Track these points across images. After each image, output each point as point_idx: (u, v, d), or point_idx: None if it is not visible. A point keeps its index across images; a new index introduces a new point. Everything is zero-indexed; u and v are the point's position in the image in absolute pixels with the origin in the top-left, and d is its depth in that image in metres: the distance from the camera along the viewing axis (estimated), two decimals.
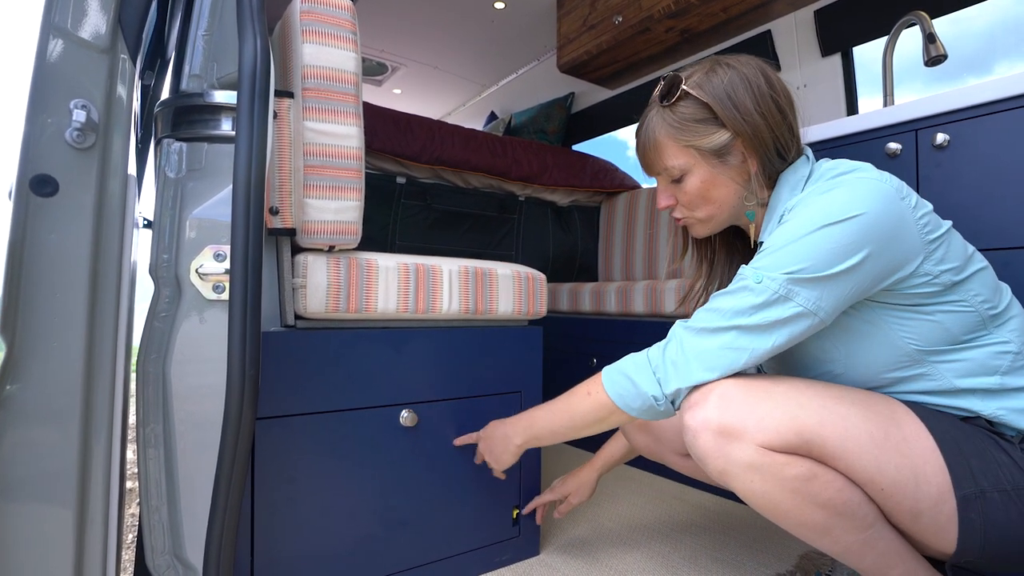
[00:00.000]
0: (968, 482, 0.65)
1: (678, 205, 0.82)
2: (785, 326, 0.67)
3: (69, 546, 0.61)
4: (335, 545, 0.94)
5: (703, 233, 0.84)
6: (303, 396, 0.91)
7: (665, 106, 0.77)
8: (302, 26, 0.89)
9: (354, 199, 0.94)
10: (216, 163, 0.79)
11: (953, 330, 0.70)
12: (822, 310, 0.67)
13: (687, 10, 1.84)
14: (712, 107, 0.74)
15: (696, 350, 0.70)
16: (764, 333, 0.67)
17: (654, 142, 0.79)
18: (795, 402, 0.67)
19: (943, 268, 0.69)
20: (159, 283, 0.77)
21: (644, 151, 0.81)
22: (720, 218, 0.81)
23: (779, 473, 0.66)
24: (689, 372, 0.70)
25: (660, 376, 0.72)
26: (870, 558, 0.70)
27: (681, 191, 0.80)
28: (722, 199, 0.79)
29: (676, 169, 0.78)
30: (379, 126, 1.88)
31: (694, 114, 0.75)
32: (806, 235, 0.67)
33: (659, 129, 0.78)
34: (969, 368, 0.70)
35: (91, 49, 0.61)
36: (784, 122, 0.76)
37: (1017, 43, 3.42)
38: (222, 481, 0.67)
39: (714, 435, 0.67)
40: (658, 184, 0.84)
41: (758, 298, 0.67)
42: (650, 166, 0.81)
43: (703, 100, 0.74)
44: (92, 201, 0.62)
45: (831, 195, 0.68)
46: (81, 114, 0.58)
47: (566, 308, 2.11)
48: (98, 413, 0.64)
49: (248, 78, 0.68)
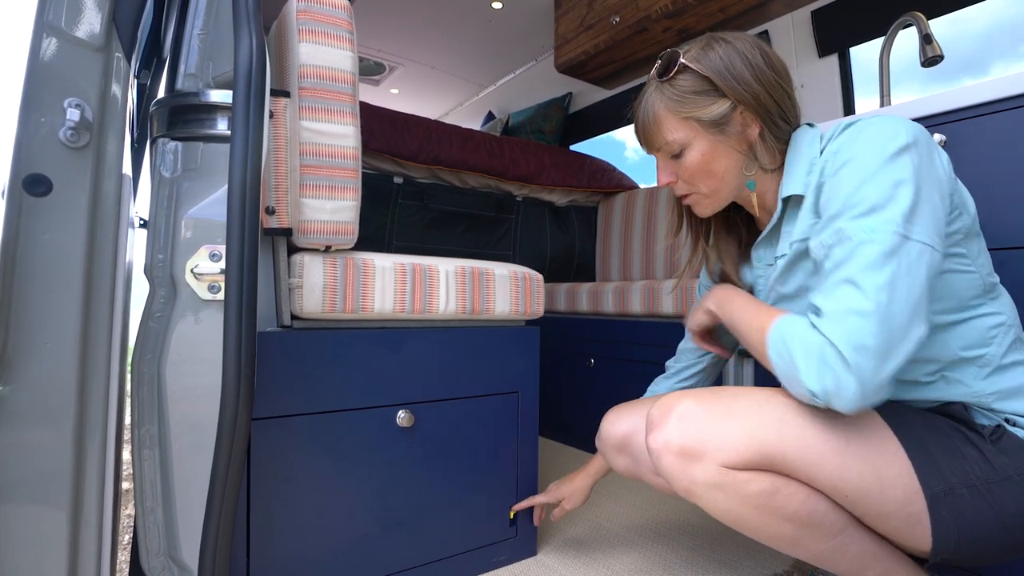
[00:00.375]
0: (936, 480, 0.65)
1: (680, 181, 0.81)
2: (919, 267, 0.61)
3: (63, 548, 0.61)
4: (332, 546, 0.94)
5: (708, 210, 0.83)
6: (299, 397, 0.91)
7: (664, 81, 0.77)
8: (298, 25, 0.89)
9: (350, 199, 0.94)
10: (212, 162, 0.79)
11: (961, 292, 0.69)
12: (937, 244, 0.62)
13: (684, 10, 1.84)
14: (711, 79, 0.74)
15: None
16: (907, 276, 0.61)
17: (653, 117, 0.78)
18: (755, 418, 0.67)
19: (962, 209, 0.69)
20: (154, 283, 0.77)
21: (643, 127, 0.80)
22: (724, 192, 0.80)
23: (742, 490, 0.66)
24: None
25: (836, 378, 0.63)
26: (844, 562, 0.70)
27: (682, 166, 0.79)
28: (724, 170, 0.78)
29: (676, 143, 0.77)
30: (376, 126, 1.87)
31: (693, 86, 0.75)
32: (877, 173, 0.63)
33: (658, 104, 0.77)
34: (969, 339, 0.70)
35: (85, 47, 0.60)
36: (781, 88, 0.76)
37: (1014, 44, 3.43)
38: (217, 482, 0.66)
39: (676, 456, 0.68)
40: (658, 161, 0.83)
41: (882, 246, 0.61)
42: (649, 142, 0.81)
43: (702, 73, 0.74)
44: (86, 201, 0.61)
45: (875, 130, 0.66)
46: (75, 113, 0.58)
47: (564, 308, 2.10)
48: (92, 414, 0.64)
49: (244, 77, 0.68)
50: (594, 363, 1.95)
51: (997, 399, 0.69)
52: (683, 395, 0.72)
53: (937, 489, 0.65)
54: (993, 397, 0.70)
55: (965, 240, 0.70)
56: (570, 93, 2.86)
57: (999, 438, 0.67)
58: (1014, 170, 0.92)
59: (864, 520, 0.69)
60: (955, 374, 0.71)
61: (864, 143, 0.66)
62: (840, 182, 0.67)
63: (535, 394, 1.18)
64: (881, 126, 0.66)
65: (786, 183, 0.76)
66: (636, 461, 0.96)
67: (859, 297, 0.60)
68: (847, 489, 0.66)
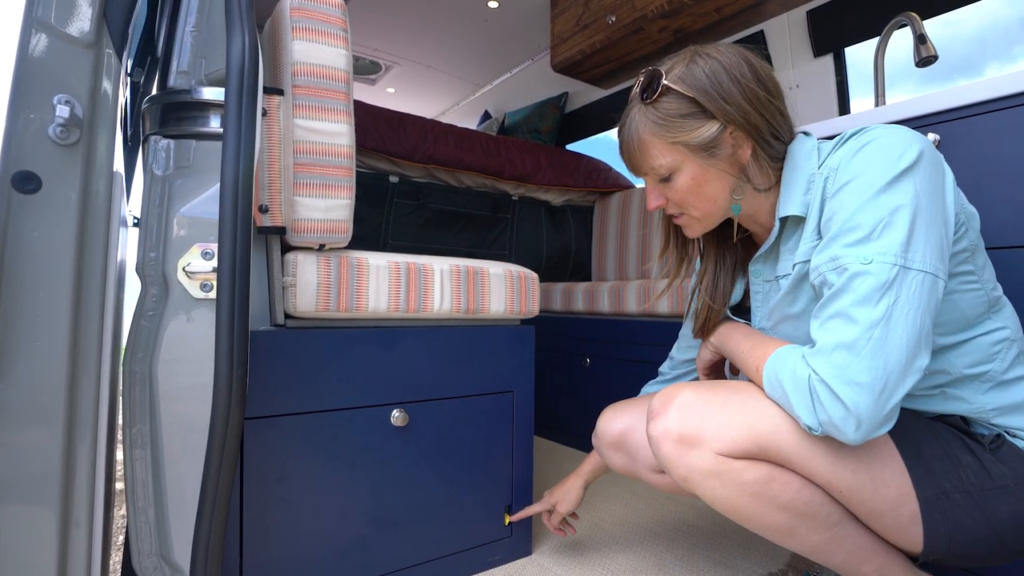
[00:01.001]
0: (930, 484, 0.66)
1: (670, 203, 0.79)
2: (920, 297, 0.60)
3: (52, 548, 0.60)
4: (325, 546, 0.93)
5: (698, 232, 0.80)
6: (293, 396, 0.90)
7: (647, 103, 0.72)
8: (292, 23, 0.88)
9: (345, 197, 0.94)
10: (204, 160, 0.78)
11: (966, 312, 0.69)
12: (940, 271, 0.61)
13: (680, 10, 1.84)
14: (697, 100, 0.70)
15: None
16: (908, 314, 0.59)
17: (639, 141, 0.74)
18: (752, 411, 0.68)
19: (968, 225, 0.68)
20: (146, 281, 0.76)
21: (629, 151, 0.76)
22: (716, 214, 0.77)
23: (738, 478, 0.67)
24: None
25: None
26: (840, 556, 0.70)
27: (672, 189, 0.76)
28: (715, 194, 0.75)
29: (664, 168, 0.73)
30: (372, 124, 1.87)
31: (679, 109, 0.70)
32: (875, 197, 0.61)
33: (643, 128, 0.73)
34: (974, 357, 0.69)
35: (75, 44, 0.60)
36: (772, 106, 0.72)
37: (1008, 45, 3.45)
38: (209, 482, 0.66)
39: (675, 444, 0.69)
40: (647, 184, 0.79)
41: (877, 279, 0.59)
42: (636, 167, 0.78)
43: (687, 94, 0.70)
44: (76, 198, 0.61)
45: (879, 147, 0.64)
46: (65, 109, 0.58)
47: (559, 308, 2.10)
48: (83, 414, 0.63)
49: (236, 74, 0.67)
50: (589, 362, 1.95)
51: (998, 415, 0.69)
52: (684, 386, 0.73)
53: (930, 492, 0.65)
54: (994, 412, 0.69)
55: (971, 256, 0.69)
56: (566, 93, 2.86)
57: (999, 447, 0.67)
58: (1006, 170, 0.92)
59: (858, 516, 0.70)
60: (956, 390, 0.71)
61: (864, 162, 0.64)
62: (839, 203, 0.65)
63: (530, 393, 1.18)
64: (883, 143, 0.64)
65: (783, 202, 0.74)
66: (632, 458, 0.96)
67: (850, 331, 0.59)
68: (841, 485, 0.66)
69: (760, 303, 0.83)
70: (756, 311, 0.84)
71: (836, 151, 0.70)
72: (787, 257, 0.76)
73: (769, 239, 0.77)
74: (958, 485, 0.66)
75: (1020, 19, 1.66)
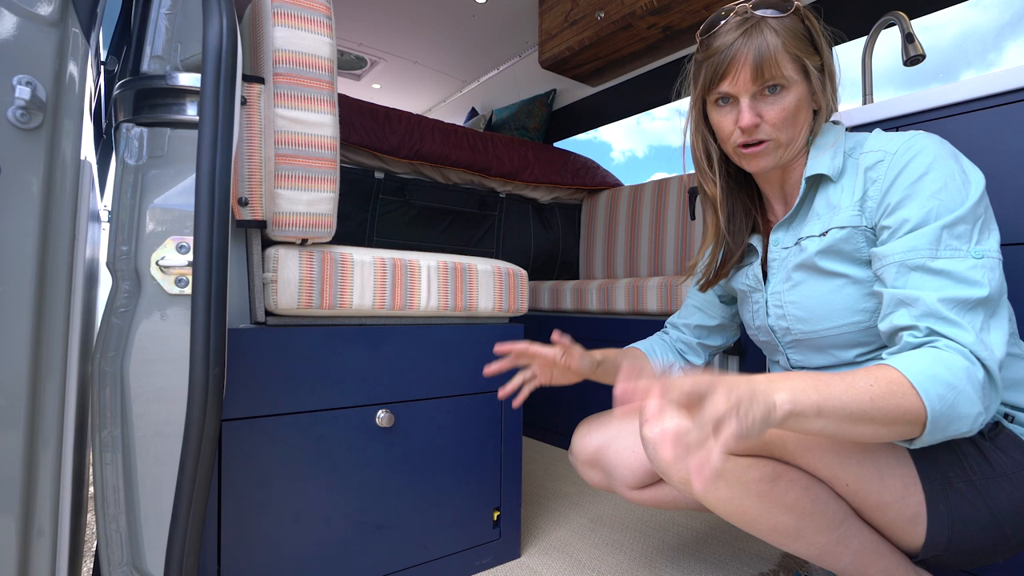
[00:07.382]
0: (934, 473, 0.65)
1: (762, 124, 0.75)
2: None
3: (11, 557, 0.56)
4: (308, 551, 0.90)
5: (769, 164, 0.77)
6: (274, 396, 0.87)
7: (779, 17, 0.73)
8: (274, 8, 0.85)
9: (328, 190, 0.91)
10: (179, 150, 0.75)
11: None
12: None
13: (669, 7, 1.83)
14: (812, 31, 0.74)
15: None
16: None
17: (773, 47, 0.72)
18: None
19: None
20: (117, 276, 0.72)
21: (758, 58, 0.72)
22: (795, 147, 0.77)
23: (743, 476, 0.65)
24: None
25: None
26: (846, 557, 0.69)
27: (775, 107, 0.73)
28: (803, 123, 0.76)
29: (787, 80, 0.72)
30: (356, 119, 1.83)
31: (802, 31, 0.74)
32: (963, 187, 0.65)
33: (774, 38, 0.72)
34: None
35: (37, 21, 0.56)
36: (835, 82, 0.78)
37: (983, 52, 3.52)
38: (184, 487, 0.63)
39: (674, 444, 0.65)
40: (743, 103, 0.75)
41: (988, 273, 0.62)
42: (759, 73, 0.73)
43: (807, 23, 0.74)
44: (39, 186, 0.57)
45: (934, 143, 0.68)
46: (25, 91, 0.54)
47: (547, 306, 2.08)
48: (47, 416, 0.59)
49: (213, 59, 0.64)
50: None
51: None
52: None
53: (935, 482, 0.65)
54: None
55: None
56: (554, 90, 2.84)
57: (996, 435, 0.67)
58: (996, 167, 0.92)
59: (862, 512, 0.69)
60: None
61: (929, 152, 0.67)
62: (915, 186, 0.66)
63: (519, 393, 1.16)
64: (933, 139, 0.68)
65: (812, 163, 0.76)
66: (608, 475, 0.94)
67: (1000, 331, 0.62)
68: (847, 477, 0.65)
69: (777, 268, 0.82)
70: (773, 276, 0.83)
71: (869, 141, 0.74)
72: (813, 221, 0.77)
73: (798, 198, 0.79)
74: (961, 474, 0.65)
75: (995, 28, 1.68)
